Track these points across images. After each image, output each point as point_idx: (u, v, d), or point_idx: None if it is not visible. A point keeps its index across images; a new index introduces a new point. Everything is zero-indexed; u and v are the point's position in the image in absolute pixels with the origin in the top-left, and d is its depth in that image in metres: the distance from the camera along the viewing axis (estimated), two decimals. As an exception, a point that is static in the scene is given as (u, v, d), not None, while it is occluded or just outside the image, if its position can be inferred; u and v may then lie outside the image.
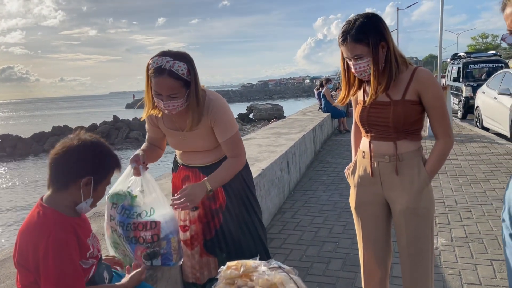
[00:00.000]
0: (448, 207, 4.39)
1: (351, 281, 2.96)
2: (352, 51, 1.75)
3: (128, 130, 28.48)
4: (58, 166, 1.47)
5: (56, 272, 1.35)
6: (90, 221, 2.74)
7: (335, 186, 5.57)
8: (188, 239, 2.20)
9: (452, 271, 3.01)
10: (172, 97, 1.91)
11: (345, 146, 8.61)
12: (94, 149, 1.52)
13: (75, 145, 1.47)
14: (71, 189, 1.47)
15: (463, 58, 14.37)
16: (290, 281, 1.62)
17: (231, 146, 2.12)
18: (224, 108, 2.09)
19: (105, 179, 1.55)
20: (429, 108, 1.81)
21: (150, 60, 1.91)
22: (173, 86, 1.89)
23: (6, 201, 14.12)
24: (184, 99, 1.96)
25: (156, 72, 1.87)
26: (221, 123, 2.07)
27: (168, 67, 1.86)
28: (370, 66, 1.76)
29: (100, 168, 1.52)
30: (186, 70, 1.90)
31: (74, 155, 1.46)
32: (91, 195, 1.51)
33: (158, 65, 1.87)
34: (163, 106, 1.93)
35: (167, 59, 1.88)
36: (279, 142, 5.79)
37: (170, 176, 3.83)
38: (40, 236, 1.38)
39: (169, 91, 1.89)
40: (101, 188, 1.55)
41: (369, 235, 2.02)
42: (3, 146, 24.91)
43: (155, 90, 1.91)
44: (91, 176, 1.48)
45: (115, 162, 1.59)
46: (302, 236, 3.88)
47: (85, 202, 1.50)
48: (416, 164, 1.86)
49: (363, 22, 1.74)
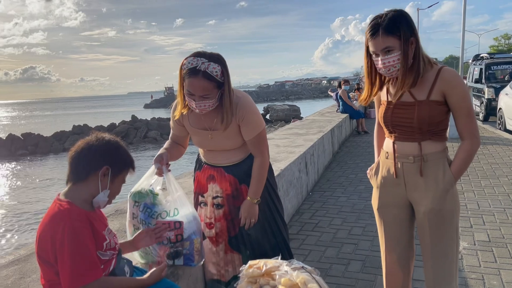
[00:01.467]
0: (470, 211, 4.31)
1: (371, 283, 2.93)
2: (383, 43, 1.72)
3: (146, 130, 28.81)
4: (79, 160, 1.55)
5: (71, 260, 1.40)
6: (111, 218, 2.79)
7: (354, 187, 5.53)
8: (213, 236, 2.22)
9: (475, 276, 2.95)
10: (204, 98, 1.94)
11: (364, 147, 8.54)
12: (113, 143, 1.62)
13: (94, 141, 1.58)
14: (90, 180, 1.55)
15: (486, 59, 14.08)
16: (313, 281, 1.61)
17: (257, 143, 2.15)
18: (252, 106, 2.11)
19: (121, 174, 1.63)
20: (455, 108, 1.78)
21: (185, 60, 1.93)
22: (206, 87, 1.91)
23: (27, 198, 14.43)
24: (216, 100, 1.99)
25: (190, 72, 1.90)
26: (249, 121, 2.09)
27: (203, 68, 1.89)
28: (399, 60, 1.73)
29: (117, 161, 1.61)
30: (220, 71, 1.93)
31: (93, 149, 1.56)
32: (108, 186, 1.58)
33: (193, 65, 1.90)
34: (195, 105, 1.96)
35: (202, 60, 1.90)
36: (297, 143, 5.77)
37: (190, 175, 3.87)
38: (57, 226, 1.44)
39: (202, 92, 1.92)
40: (117, 182, 1.63)
41: (392, 237, 1.99)
42: (25, 145, 25.48)
43: (188, 90, 1.93)
44: (109, 167, 1.57)
45: (131, 161, 1.68)
46: (321, 237, 3.86)
47: (103, 192, 1.57)
48: (441, 165, 1.82)
49: (395, 16, 1.72)
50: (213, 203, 2.20)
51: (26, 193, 15.40)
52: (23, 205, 13.30)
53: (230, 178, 2.18)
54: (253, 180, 2.16)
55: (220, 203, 2.19)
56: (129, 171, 1.67)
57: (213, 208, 2.20)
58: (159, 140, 27.55)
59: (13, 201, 14.19)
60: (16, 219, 11.69)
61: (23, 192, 15.55)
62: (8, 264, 2.13)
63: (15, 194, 15.40)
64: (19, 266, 2.10)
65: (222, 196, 2.18)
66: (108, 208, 3.16)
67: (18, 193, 15.61)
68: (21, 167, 21.29)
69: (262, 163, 2.17)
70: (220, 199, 2.18)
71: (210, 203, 2.21)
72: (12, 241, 9.92)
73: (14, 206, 13.38)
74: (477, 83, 13.64)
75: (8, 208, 13.22)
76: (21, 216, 11.86)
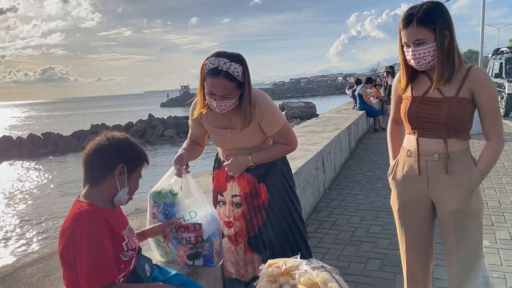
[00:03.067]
0: (491, 208, 4.23)
1: (390, 282, 2.91)
2: (416, 35, 1.70)
3: (163, 129, 29.08)
4: (93, 162, 1.57)
5: (88, 261, 1.42)
6: (131, 217, 2.83)
7: (372, 185, 5.48)
8: (232, 235, 2.23)
9: (496, 274, 2.90)
10: (225, 98, 1.95)
11: (381, 144, 8.45)
12: (124, 141, 1.62)
13: (105, 141, 1.58)
14: (107, 180, 1.56)
15: (506, 53, 13.77)
16: (333, 280, 1.61)
17: (282, 137, 2.19)
18: (270, 104, 2.13)
19: (137, 170, 1.64)
20: (483, 108, 1.75)
21: (206, 61, 1.95)
22: (228, 87, 1.93)
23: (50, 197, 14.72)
24: (236, 99, 2.00)
25: (212, 72, 1.92)
26: (269, 118, 2.11)
27: (225, 68, 1.91)
28: (430, 53, 1.70)
29: (131, 158, 1.62)
30: (241, 72, 1.94)
31: (106, 149, 1.57)
32: (126, 184, 1.60)
33: (215, 66, 1.91)
34: (216, 105, 1.98)
35: (224, 60, 1.92)
36: (314, 141, 5.75)
37: (207, 174, 3.90)
38: (76, 227, 1.46)
39: (223, 92, 1.93)
40: (135, 179, 1.64)
41: (413, 237, 1.97)
42: (45, 144, 26.00)
43: (210, 90, 1.95)
44: (124, 165, 1.58)
45: (144, 155, 1.69)
46: (339, 236, 3.84)
47: (122, 191, 1.59)
48: (466, 163, 1.80)
49: (431, 7, 1.70)
50: (232, 202, 2.21)
51: (49, 192, 15.72)
52: (46, 204, 13.58)
53: (249, 177, 2.18)
54: (267, 150, 2.20)
55: (238, 202, 2.20)
56: (144, 166, 1.68)
57: (232, 207, 2.22)
58: (176, 138, 27.79)
59: (36, 200, 14.51)
60: (38, 218, 11.95)
61: (46, 191, 15.88)
62: (32, 262, 2.19)
63: (38, 193, 15.74)
64: (43, 264, 2.15)
65: (240, 195, 2.19)
66: (128, 207, 3.20)
67: (41, 192, 15.95)
68: (41, 166, 21.74)
69: (286, 148, 2.23)
70: (239, 198, 2.19)
71: (229, 202, 2.22)
72: (35, 240, 10.14)
73: (38, 206, 13.68)
74: (497, 77, 13.35)
75: (32, 208, 13.52)
76: (44, 215, 12.10)
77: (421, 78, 1.86)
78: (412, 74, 1.88)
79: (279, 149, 2.22)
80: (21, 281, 1.98)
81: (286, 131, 2.19)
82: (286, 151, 2.25)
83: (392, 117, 2.14)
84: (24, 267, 2.13)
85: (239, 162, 2.16)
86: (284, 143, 2.21)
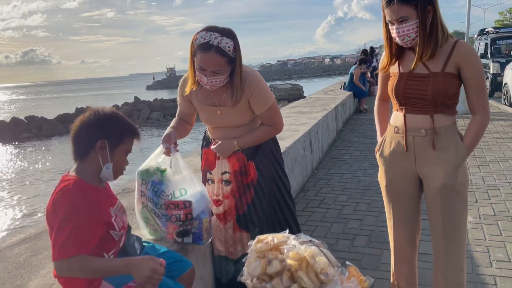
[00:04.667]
0: (475, 185, 4.31)
1: (377, 258, 2.97)
2: (397, 13, 1.70)
3: (149, 112, 28.81)
4: (77, 138, 1.56)
5: (60, 231, 1.40)
6: (119, 197, 2.81)
7: (359, 164, 5.53)
8: (221, 213, 2.23)
9: (480, 249, 2.98)
10: (216, 73, 1.92)
11: (368, 125, 8.51)
12: (105, 115, 1.59)
13: (87, 116, 1.56)
14: (91, 156, 1.55)
15: (491, 34, 13.87)
16: (321, 254, 1.63)
17: (269, 116, 2.16)
18: (260, 81, 2.10)
19: (121, 143, 1.60)
20: (469, 82, 1.76)
21: (197, 35, 1.91)
22: (219, 62, 1.90)
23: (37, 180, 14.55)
24: (227, 76, 1.98)
25: (203, 47, 1.88)
26: (259, 96, 2.08)
27: (216, 43, 1.87)
28: (414, 30, 1.71)
29: (112, 131, 1.58)
30: (232, 47, 1.91)
31: (88, 124, 1.55)
32: (109, 159, 1.57)
33: (206, 40, 1.87)
34: (206, 81, 1.95)
35: (215, 35, 1.88)
36: (301, 121, 5.75)
37: (196, 154, 3.88)
38: (59, 198, 1.46)
39: (214, 67, 1.90)
40: (120, 153, 1.60)
41: (401, 213, 2.00)
42: (29, 128, 25.57)
43: (200, 65, 1.91)
44: (105, 140, 1.55)
45: (130, 129, 1.64)
46: (326, 214, 3.88)
47: (106, 167, 1.57)
48: (453, 138, 1.81)
49: None
50: (221, 180, 2.21)
51: (36, 174, 15.54)
52: (33, 187, 13.44)
53: (238, 154, 2.17)
54: (253, 133, 2.17)
55: (228, 179, 2.19)
56: (133, 140, 1.64)
57: (221, 184, 2.21)
58: (162, 121, 27.57)
59: (23, 183, 14.34)
60: (26, 199, 11.84)
61: (32, 174, 15.69)
62: (19, 242, 2.16)
63: (24, 175, 15.55)
64: (31, 244, 2.13)
65: (229, 172, 2.18)
66: (116, 187, 3.18)
67: (27, 174, 15.76)
68: (26, 150, 21.42)
69: (271, 130, 2.20)
70: (228, 175, 2.19)
71: (218, 180, 2.22)
72: (21, 221, 10.05)
73: (24, 188, 13.54)
74: (482, 58, 13.44)
75: (19, 190, 13.37)
76: (31, 197, 11.98)
77: (409, 54, 1.86)
78: (399, 51, 1.88)
79: (264, 131, 2.19)
80: (8, 260, 1.97)
81: (274, 111, 2.17)
82: (272, 133, 2.23)
83: (379, 95, 2.15)
84: (11, 247, 2.11)
85: (226, 146, 2.15)
86: (270, 125, 2.19)
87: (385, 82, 2.04)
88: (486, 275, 2.65)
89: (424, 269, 2.65)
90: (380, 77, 2.08)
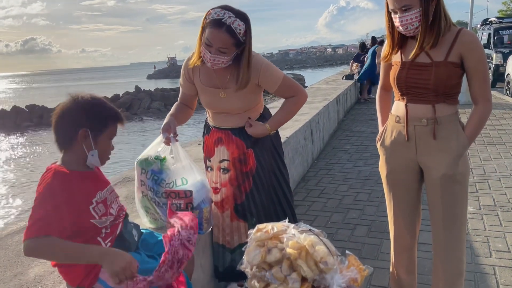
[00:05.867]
0: (476, 176, 4.31)
1: (377, 247, 2.98)
2: (401, 1, 1.68)
3: (150, 101, 28.75)
4: (58, 127, 1.52)
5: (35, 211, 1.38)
6: (119, 185, 2.82)
7: (359, 155, 5.53)
8: (219, 201, 2.23)
9: (480, 239, 2.98)
10: (221, 52, 1.91)
11: (369, 115, 8.49)
12: (85, 102, 1.54)
13: (67, 104, 1.52)
14: (74, 146, 1.52)
15: (494, 24, 13.75)
16: (320, 243, 1.63)
17: (286, 89, 2.16)
18: (264, 60, 2.10)
19: (105, 130, 1.56)
20: (472, 71, 1.74)
21: (211, 10, 1.91)
22: (227, 41, 1.89)
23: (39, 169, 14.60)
24: (230, 58, 1.97)
25: (214, 23, 1.88)
26: (268, 74, 2.08)
27: (229, 22, 1.87)
28: (417, 18, 1.68)
29: (94, 119, 1.54)
30: (243, 30, 1.91)
31: (68, 113, 1.51)
32: (93, 147, 1.54)
33: (219, 17, 1.87)
34: (209, 58, 1.94)
35: (229, 14, 1.88)
36: (303, 111, 5.71)
37: (196, 144, 3.88)
38: (39, 187, 1.44)
39: (221, 44, 1.89)
40: (103, 140, 1.57)
41: (401, 202, 1.99)
42: (30, 117, 25.56)
43: (208, 39, 1.90)
44: (87, 129, 1.51)
45: (112, 115, 1.60)
46: (327, 204, 3.89)
47: (91, 154, 1.54)
48: (454, 128, 1.80)
49: None
50: (219, 167, 2.20)
51: (36, 163, 15.57)
52: (34, 173, 13.48)
53: (238, 141, 2.16)
54: (281, 110, 2.18)
55: (226, 167, 2.18)
56: (116, 125, 1.60)
57: (219, 172, 2.20)
58: (163, 110, 27.52)
59: (24, 171, 14.39)
60: (26, 187, 11.89)
61: (33, 162, 15.73)
62: (20, 230, 2.17)
63: (25, 164, 15.60)
64: (31, 232, 2.13)
65: (228, 159, 2.17)
66: (116, 175, 3.18)
67: (28, 162, 15.80)
68: (27, 138, 21.46)
69: (296, 99, 2.19)
70: (227, 162, 2.18)
71: (217, 167, 2.21)
72: (21, 209, 10.10)
73: (26, 175, 13.58)
74: (485, 48, 13.33)
75: (19, 178, 13.42)
76: (31, 185, 12.02)
77: (411, 43, 1.84)
78: (401, 40, 1.86)
79: (291, 103, 2.18)
80: (9, 248, 1.97)
81: (288, 82, 2.16)
82: (299, 103, 2.20)
83: (381, 84, 2.13)
84: (12, 235, 2.12)
85: (259, 131, 2.14)
86: (292, 95, 2.18)
87: (387, 71, 2.02)
88: (485, 265, 2.65)
89: (423, 259, 2.66)
90: (382, 66, 2.06)
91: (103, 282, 1.55)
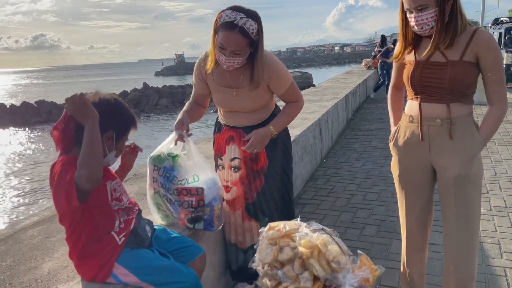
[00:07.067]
0: (487, 177, 4.28)
1: (386, 247, 2.97)
2: (417, 1, 1.66)
3: (157, 98, 28.86)
4: None
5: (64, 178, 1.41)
6: (130, 182, 2.83)
7: (368, 154, 5.51)
8: (230, 200, 2.24)
9: (491, 240, 2.96)
10: (235, 54, 1.92)
11: (378, 114, 8.45)
12: (116, 106, 1.60)
13: (97, 102, 1.53)
14: None
15: (505, 23, 13.60)
16: (333, 242, 1.63)
17: (291, 94, 2.18)
18: (278, 62, 2.10)
19: (125, 135, 1.64)
20: (488, 72, 1.72)
21: (222, 13, 1.90)
22: (241, 42, 1.89)
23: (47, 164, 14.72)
24: (245, 58, 1.97)
25: (227, 25, 1.87)
26: (279, 77, 2.09)
27: (241, 23, 1.87)
28: (433, 18, 1.67)
29: (121, 123, 1.61)
30: (256, 30, 1.91)
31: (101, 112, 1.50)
32: (113, 148, 1.59)
33: (231, 19, 1.87)
34: (224, 60, 1.94)
35: (240, 15, 1.88)
36: (311, 109, 5.72)
37: (206, 141, 3.89)
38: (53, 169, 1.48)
39: (235, 47, 1.89)
40: (122, 143, 1.64)
41: (413, 202, 1.98)
42: (39, 112, 25.78)
43: (221, 43, 1.90)
44: (113, 131, 1.56)
45: (133, 120, 1.67)
46: (336, 203, 3.88)
47: (110, 155, 1.60)
48: (469, 128, 1.79)
49: None
50: (230, 166, 2.20)
51: (49, 158, 15.70)
52: (45, 169, 13.60)
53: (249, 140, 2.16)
54: (283, 114, 2.20)
55: (237, 165, 2.19)
56: (132, 129, 1.67)
57: (230, 170, 2.21)
58: (171, 108, 27.61)
59: (35, 166, 14.52)
60: (38, 181, 12.00)
61: (46, 157, 15.87)
62: (33, 224, 2.19)
63: (37, 159, 15.74)
64: (44, 227, 2.16)
65: (240, 157, 2.18)
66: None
67: (40, 157, 15.95)
68: (37, 133, 21.65)
69: (297, 105, 2.22)
70: (238, 161, 2.18)
71: (228, 166, 2.21)
72: (35, 203, 10.20)
73: (37, 170, 13.71)
74: (496, 48, 13.24)
75: (32, 172, 13.54)
76: (44, 179, 12.12)
77: (425, 42, 1.82)
78: (416, 38, 1.84)
79: (293, 108, 2.21)
80: (22, 242, 2.00)
81: (294, 88, 2.18)
82: (299, 108, 2.24)
83: (393, 83, 2.12)
84: (25, 229, 2.14)
85: (262, 135, 2.10)
86: (294, 101, 2.21)
87: (399, 70, 2.01)
88: (496, 266, 2.64)
89: (433, 259, 2.65)
90: (394, 65, 2.04)
91: (116, 277, 1.57)
